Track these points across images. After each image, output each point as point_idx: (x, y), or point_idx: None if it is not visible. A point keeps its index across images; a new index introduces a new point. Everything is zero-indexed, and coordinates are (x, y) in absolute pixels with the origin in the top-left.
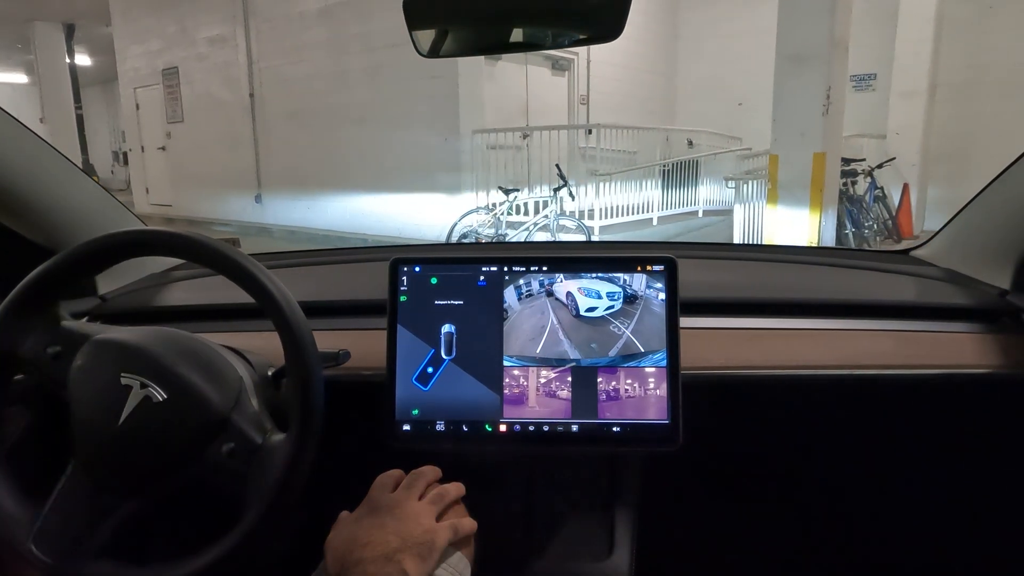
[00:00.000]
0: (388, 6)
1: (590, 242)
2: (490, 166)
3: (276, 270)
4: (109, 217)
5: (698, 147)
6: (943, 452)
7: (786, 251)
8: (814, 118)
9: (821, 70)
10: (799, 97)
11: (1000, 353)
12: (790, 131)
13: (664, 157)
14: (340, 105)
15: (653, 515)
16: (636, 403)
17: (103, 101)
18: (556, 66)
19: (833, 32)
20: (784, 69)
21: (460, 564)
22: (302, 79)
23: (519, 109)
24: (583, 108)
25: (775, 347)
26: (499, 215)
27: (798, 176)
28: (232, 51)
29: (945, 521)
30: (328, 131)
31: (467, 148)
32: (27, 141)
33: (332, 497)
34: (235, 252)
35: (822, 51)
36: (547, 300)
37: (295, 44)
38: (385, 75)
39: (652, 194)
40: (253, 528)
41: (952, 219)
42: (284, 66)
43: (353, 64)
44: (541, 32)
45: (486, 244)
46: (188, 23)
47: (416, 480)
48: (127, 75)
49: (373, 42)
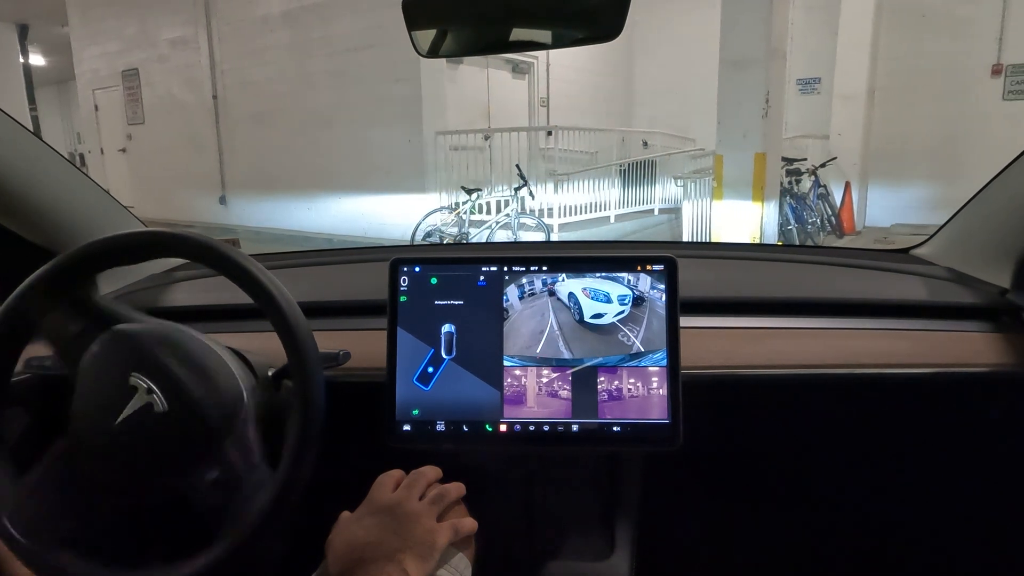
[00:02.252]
0: (350, 11)
1: (590, 242)
2: (453, 167)
3: (276, 271)
4: (110, 218)
5: (653, 148)
6: (944, 450)
7: (786, 250)
8: (754, 120)
9: (760, 75)
10: (740, 101)
11: (1000, 351)
12: (733, 133)
13: (620, 158)
14: (304, 108)
15: (654, 515)
16: (636, 403)
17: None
18: (516, 69)
19: (770, 40)
20: (726, 74)
21: (461, 564)
22: (265, 81)
23: (481, 111)
24: (543, 110)
25: (776, 346)
26: (462, 214)
27: (741, 175)
28: (194, 53)
29: (946, 519)
30: (293, 133)
31: (430, 149)
32: (26, 142)
33: (333, 497)
34: (236, 252)
35: (761, 57)
36: (549, 300)
37: (258, 47)
38: (349, 78)
39: (609, 193)
40: (219, 559)
41: (952, 218)
42: (247, 68)
43: (317, 67)
44: (540, 32)
45: (486, 244)
46: (149, 24)
47: (417, 480)
48: (85, 76)
49: (336, 46)
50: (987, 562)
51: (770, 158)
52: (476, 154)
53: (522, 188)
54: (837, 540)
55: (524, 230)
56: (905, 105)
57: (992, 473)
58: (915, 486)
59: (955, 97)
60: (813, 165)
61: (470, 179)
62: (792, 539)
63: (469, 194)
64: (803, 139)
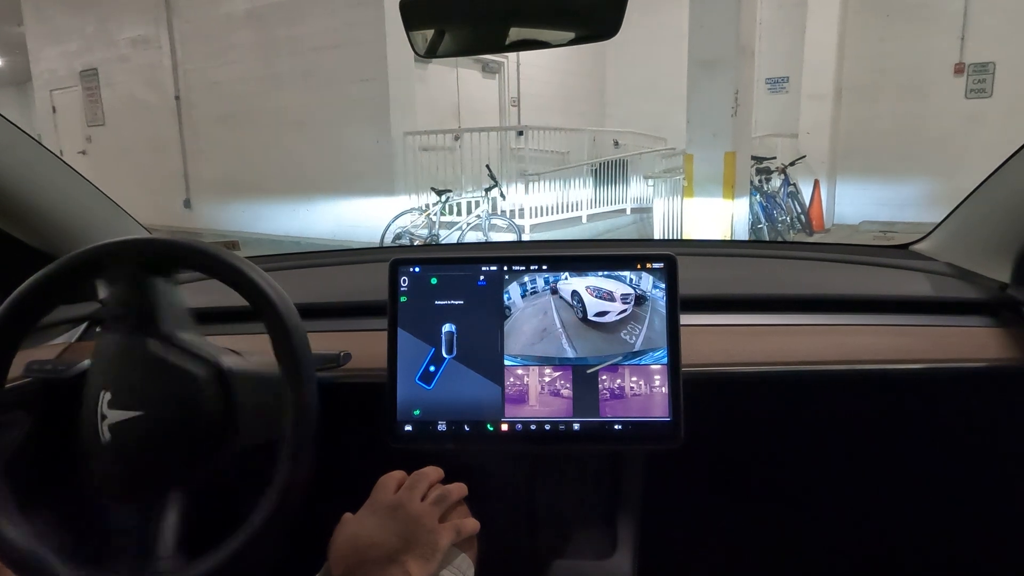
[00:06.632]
0: (317, 9)
1: (590, 240)
2: (423, 168)
3: (276, 272)
4: (108, 222)
5: (625, 147)
6: (945, 446)
7: (786, 247)
8: (724, 119)
9: (729, 74)
10: (710, 100)
11: (1001, 346)
12: (703, 132)
13: (592, 157)
14: (270, 108)
15: (656, 513)
16: (638, 401)
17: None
18: (487, 69)
19: (739, 38)
20: (696, 74)
21: (463, 565)
22: (230, 82)
23: (451, 111)
24: (515, 110)
25: (777, 343)
26: (432, 216)
27: (711, 174)
28: (155, 53)
29: (948, 514)
30: (259, 135)
31: (399, 150)
32: (25, 146)
33: (334, 498)
34: (229, 255)
35: (730, 56)
36: (551, 298)
37: (222, 46)
38: (315, 78)
39: (581, 193)
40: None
41: (952, 213)
42: (211, 68)
43: (282, 67)
44: (538, 31)
45: (485, 244)
46: (108, 23)
47: (418, 481)
48: (42, 77)
49: (302, 45)
50: (990, 557)
51: (740, 156)
52: (446, 155)
53: (493, 189)
54: (839, 536)
55: (495, 231)
56: (872, 104)
57: (993, 468)
58: (916, 481)
59: (919, 96)
60: (783, 164)
61: (440, 180)
62: (794, 535)
63: (439, 195)
64: (772, 138)
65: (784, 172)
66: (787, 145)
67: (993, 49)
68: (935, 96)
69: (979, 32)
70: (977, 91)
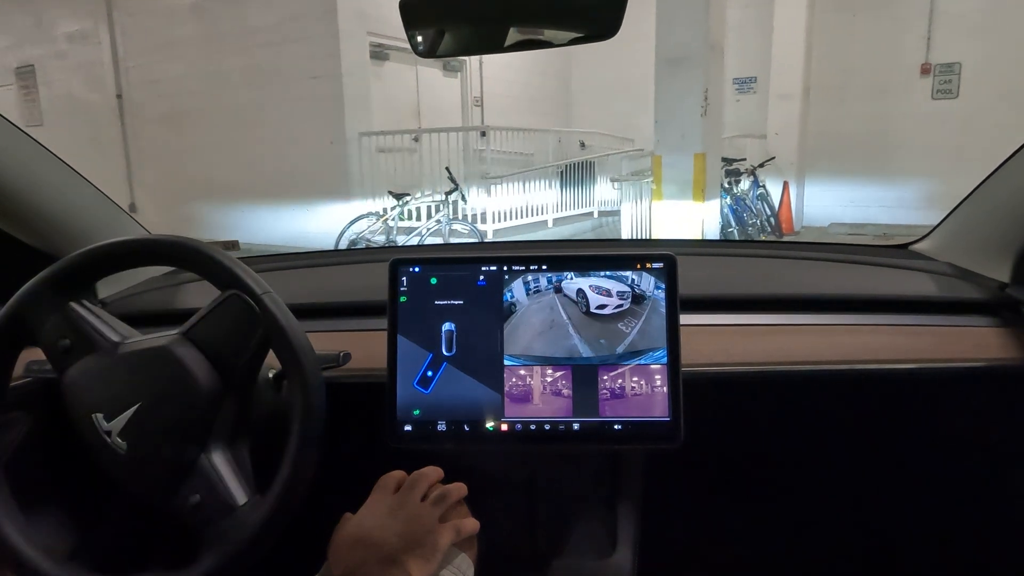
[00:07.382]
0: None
1: (590, 240)
2: (380, 170)
3: (275, 272)
4: (108, 222)
5: (592, 148)
6: (946, 446)
7: (786, 247)
8: (693, 119)
9: (698, 73)
10: (679, 99)
11: (1001, 346)
12: (672, 132)
13: (558, 159)
14: (218, 107)
15: (656, 512)
16: (637, 401)
17: None
18: (448, 67)
19: (708, 35)
20: (664, 72)
21: (463, 565)
22: (175, 79)
23: (411, 111)
24: (478, 110)
25: (776, 343)
26: (389, 221)
27: (681, 175)
28: (95, 48)
29: (947, 513)
30: (207, 135)
31: (355, 151)
32: (25, 146)
33: (334, 498)
34: (225, 256)
35: (699, 54)
36: (555, 296)
37: (166, 41)
38: (264, 75)
39: (547, 196)
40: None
41: (951, 213)
42: (155, 65)
43: (230, 64)
44: (537, 31)
45: (485, 244)
46: (44, 17)
47: (418, 481)
48: None
49: (250, 40)
50: (991, 557)
51: (710, 157)
52: (405, 156)
53: (453, 192)
54: (839, 535)
55: (456, 237)
56: (839, 104)
57: (993, 468)
58: (916, 481)
59: (886, 96)
60: (752, 165)
61: (398, 183)
62: (794, 534)
63: (397, 199)
64: (741, 139)
65: (754, 174)
66: (755, 146)
67: (959, 49)
68: (902, 96)
69: (945, 32)
70: (944, 91)
